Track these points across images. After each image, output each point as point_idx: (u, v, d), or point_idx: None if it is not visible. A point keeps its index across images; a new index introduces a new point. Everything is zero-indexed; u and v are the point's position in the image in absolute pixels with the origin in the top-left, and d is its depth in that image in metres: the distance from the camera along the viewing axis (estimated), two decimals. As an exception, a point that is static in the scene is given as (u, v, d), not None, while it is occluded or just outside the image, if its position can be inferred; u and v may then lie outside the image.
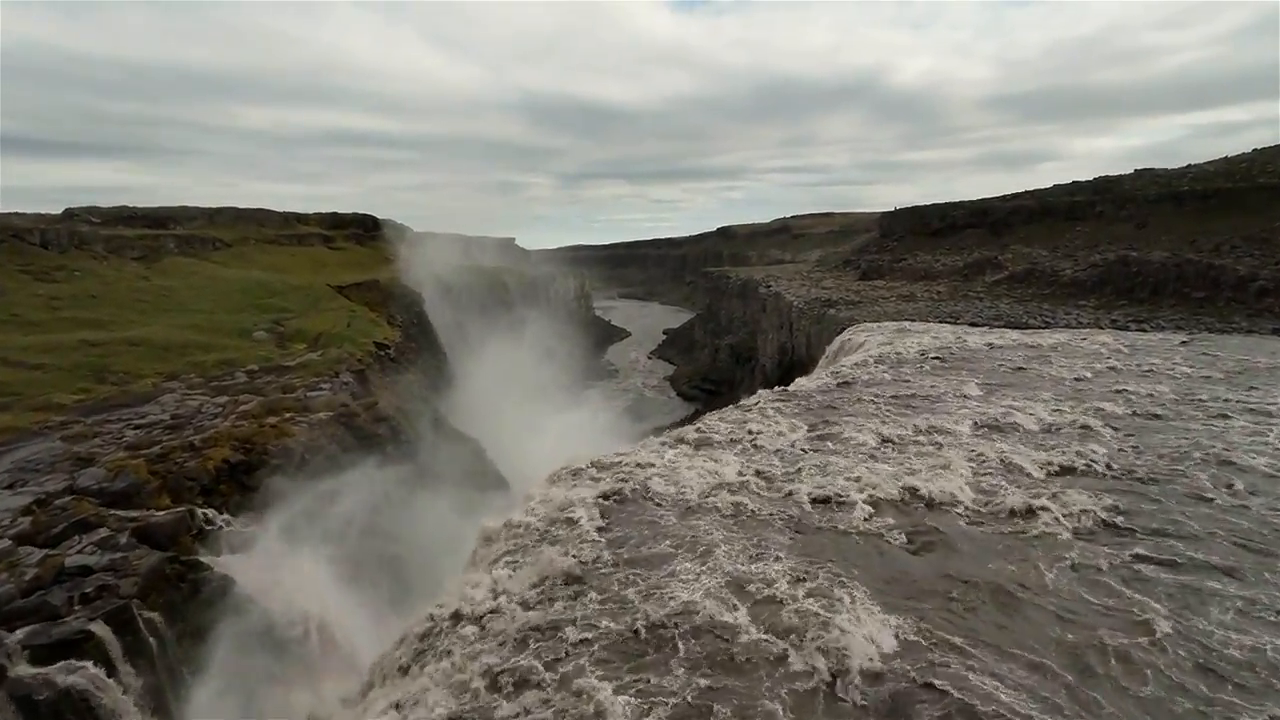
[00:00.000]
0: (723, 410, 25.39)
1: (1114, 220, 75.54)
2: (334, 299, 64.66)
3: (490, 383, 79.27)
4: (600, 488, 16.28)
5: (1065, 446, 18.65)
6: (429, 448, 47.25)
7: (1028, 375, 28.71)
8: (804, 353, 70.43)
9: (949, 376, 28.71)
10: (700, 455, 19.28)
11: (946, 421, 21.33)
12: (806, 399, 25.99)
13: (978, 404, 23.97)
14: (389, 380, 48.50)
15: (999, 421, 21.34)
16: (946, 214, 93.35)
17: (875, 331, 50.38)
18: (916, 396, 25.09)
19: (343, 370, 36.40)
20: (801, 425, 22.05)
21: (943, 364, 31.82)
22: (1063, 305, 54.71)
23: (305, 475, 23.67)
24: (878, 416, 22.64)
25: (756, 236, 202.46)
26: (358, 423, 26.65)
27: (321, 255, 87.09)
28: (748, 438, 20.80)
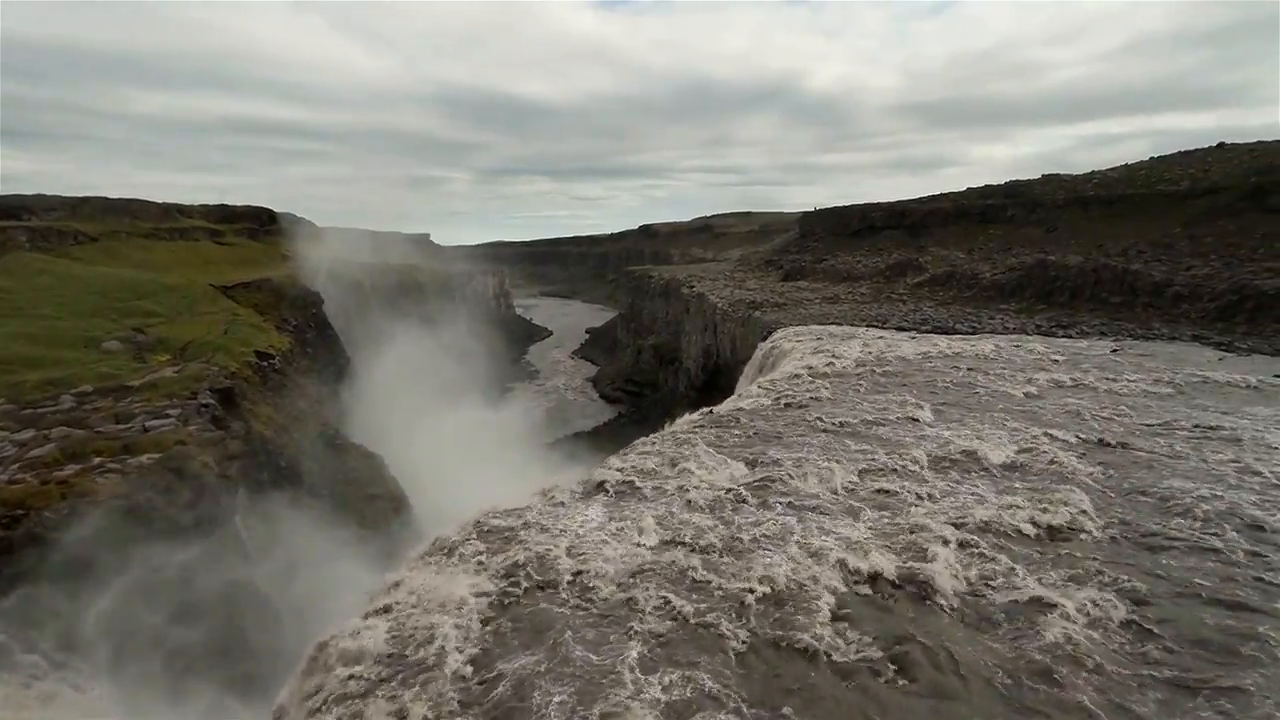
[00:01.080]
0: (646, 440, 21.55)
1: (1025, 224, 76.26)
2: (215, 301, 57.54)
3: (399, 389, 73.34)
4: (485, 576, 12.14)
5: (1042, 494, 15.71)
6: (316, 472, 41.70)
7: (975, 392, 26.17)
8: (729, 355, 67.75)
9: (894, 394, 25.83)
10: (619, 510, 15.42)
11: (904, 459, 18.16)
12: (742, 425, 22.49)
13: (932, 430, 21.02)
14: (270, 396, 42.55)
15: (961, 456, 18.34)
16: (866, 215, 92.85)
17: (803, 336, 47.87)
18: (864, 422, 21.95)
19: (202, 390, 30.64)
20: (739, 464, 18.49)
21: (884, 379, 29.03)
22: (985, 309, 53.72)
23: (107, 548, 18.16)
24: (824, 450, 19.29)
25: (678, 235, 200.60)
26: (196, 466, 21.34)
27: (207, 251, 78.57)
28: (675, 484, 17.05)
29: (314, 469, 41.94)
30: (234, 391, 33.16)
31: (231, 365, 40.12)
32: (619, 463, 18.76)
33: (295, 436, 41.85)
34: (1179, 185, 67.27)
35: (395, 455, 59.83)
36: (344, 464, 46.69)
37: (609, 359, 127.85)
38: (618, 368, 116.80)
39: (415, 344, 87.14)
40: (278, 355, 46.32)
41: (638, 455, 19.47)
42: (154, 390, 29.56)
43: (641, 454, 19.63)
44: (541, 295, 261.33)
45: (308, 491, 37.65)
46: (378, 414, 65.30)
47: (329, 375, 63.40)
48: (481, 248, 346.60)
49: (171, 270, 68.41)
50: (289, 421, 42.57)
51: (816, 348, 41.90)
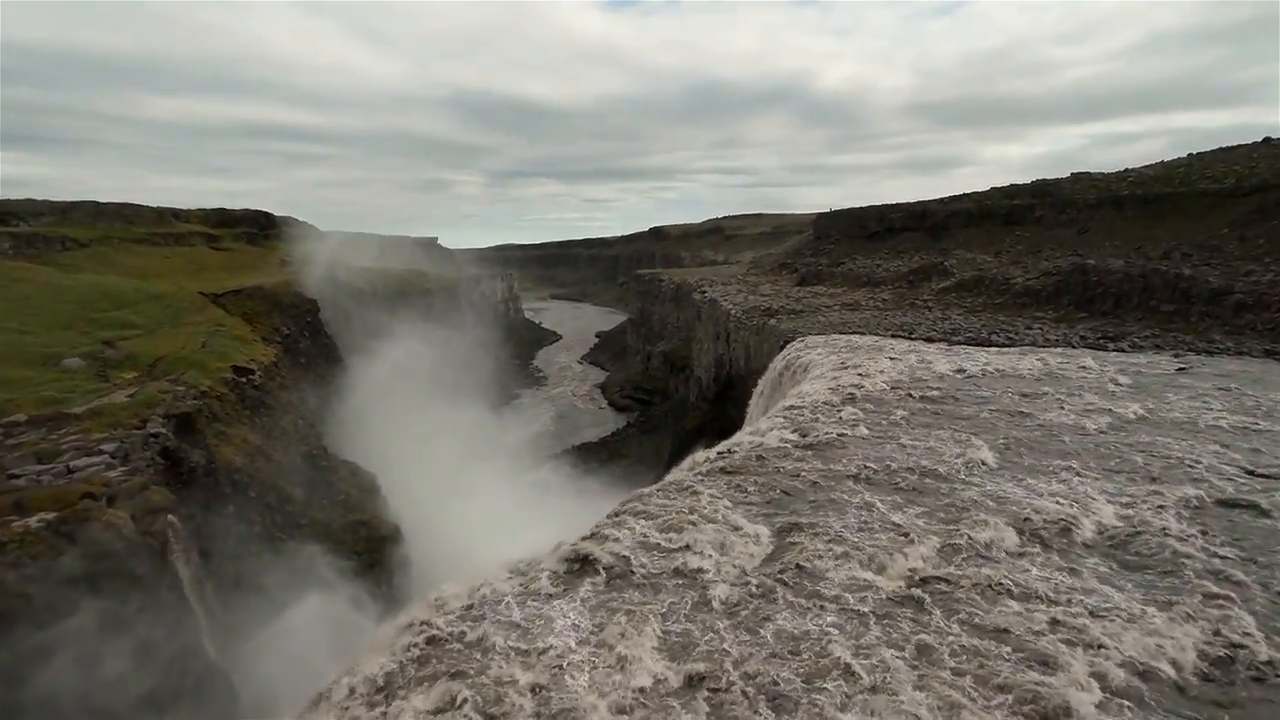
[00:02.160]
0: (650, 492, 17.59)
1: (1054, 225, 71.63)
2: (203, 310, 54.16)
3: (399, 400, 69.74)
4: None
5: (1182, 591, 11.65)
6: (298, 498, 38.07)
7: (1038, 426, 22.01)
8: (743, 366, 63.69)
9: (942, 429, 21.74)
10: (610, 611, 11.54)
11: (979, 531, 14.09)
12: (765, 472, 18.49)
13: (1002, 482, 16.93)
14: (248, 416, 38.95)
15: (1051, 527, 14.26)
16: (884, 216, 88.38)
17: (824, 348, 43.78)
18: (915, 471, 17.89)
19: (154, 417, 26.97)
20: (763, 530, 14.54)
21: (926, 405, 24.92)
22: (1019, 317, 49.38)
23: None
24: (872, 516, 15.28)
25: (689, 237, 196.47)
26: (96, 530, 17.41)
27: (203, 257, 75.40)
28: (683, 562, 13.11)
29: (296, 495, 38.33)
30: (193, 417, 29.46)
31: (203, 383, 36.54)
32: (614, 530, 14.81)
33: (275, 459, 38.24)
34: (1223, 183, 62.46)
35: (391, 472, 56.15)
36: (331, 487, 43.07)
37: (618, 365, 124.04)
38: (627, 374, 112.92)
39: (418, 351, 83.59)
40: (259, 370, 42.72)
41: (637, 516, 15.50)
42: (96, 419, 25.94)
43: (643, 513, 15.68)
44: (552, 298, 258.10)
45: (284, 523, 33.99)
46: (375, 427, 61.77)
47: (323, 387, 59.94)
48: (492, 250, 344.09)
49: (163, 277, 65.24)
50: (268, 442, 38.97)
51: (841, 362, 37.83)
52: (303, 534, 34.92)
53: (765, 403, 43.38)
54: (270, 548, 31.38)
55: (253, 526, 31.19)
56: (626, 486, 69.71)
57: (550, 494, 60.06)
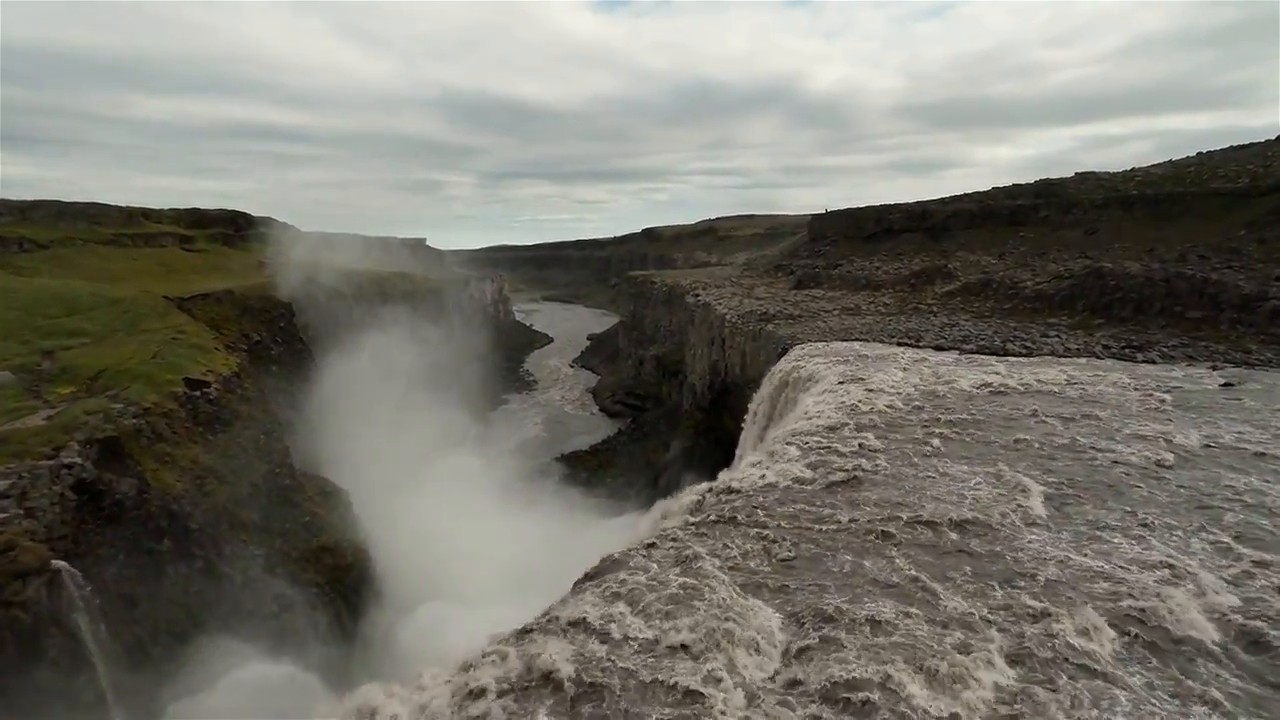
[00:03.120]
0: (629, 557, 14.14)
1: (1060, 226, 68.66)
2: (165, 316, 50.42)
3: (378, 408, 66.08)
4: None
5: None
6: (255, 523, 34.47)
7: (1088, 459, 18.71)
8: (739, 373, 60.39)
9: (977, 461, 18.45)
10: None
11: (1055, 619, 10.76)
12: (774, 523, 15.13)
13: (1064, 546, 13.58)
14: (201, 434, 35.34)
15: (1147, 615, 10.94)
16: (882, 217, 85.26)
17: (826, 356, 40.54)
18: (957, 525, 14.55)
19: (70, 445, 23.39)
20: (773, 616, 11.19)
21: (952, 431, 21.60)
22: (1031, 323, 46.27)
23: None
24: (911, 594, 11.92)
25: (682, 238, 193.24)
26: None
27: (174, 259, 71.55)
28: (670, 677, 9.73)
29: (252, 520, 34.72)
30: (120, 442, 25.87)
31: (148, 399, 32.93)
32: (588, 612, 11.38)
33: (230, 481, 34.63)
34: (1237, 183, 59.59)
35: (366, 487, 52.57)
36: (295, 508, 39.46)
37: (610, 368, 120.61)
38: (619, 379, 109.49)
39: (400, 356, 79.95)
40: (216, 382, 39.09)
41: (615, 599, 12.07)
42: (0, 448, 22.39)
43: (617, 593, 12.24)
44: (544, 300, 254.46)
45: (233, 556, 30.40)
46: (351, 439, 58.12)
47: (296, 397, 56.30)
48: (484, 252, 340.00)
49: (127, 281, 61.44)
50: (223, 462, 35.35)
51: (847, 374, 34.57)
52: (255, 567, 31.36)
53: (764, 418, 40.08)
54: (213, 587, 27.82)
55: (193, 563, 27.62)
56: (616, 503, 66.31)
57: (537, 510, 56.56)
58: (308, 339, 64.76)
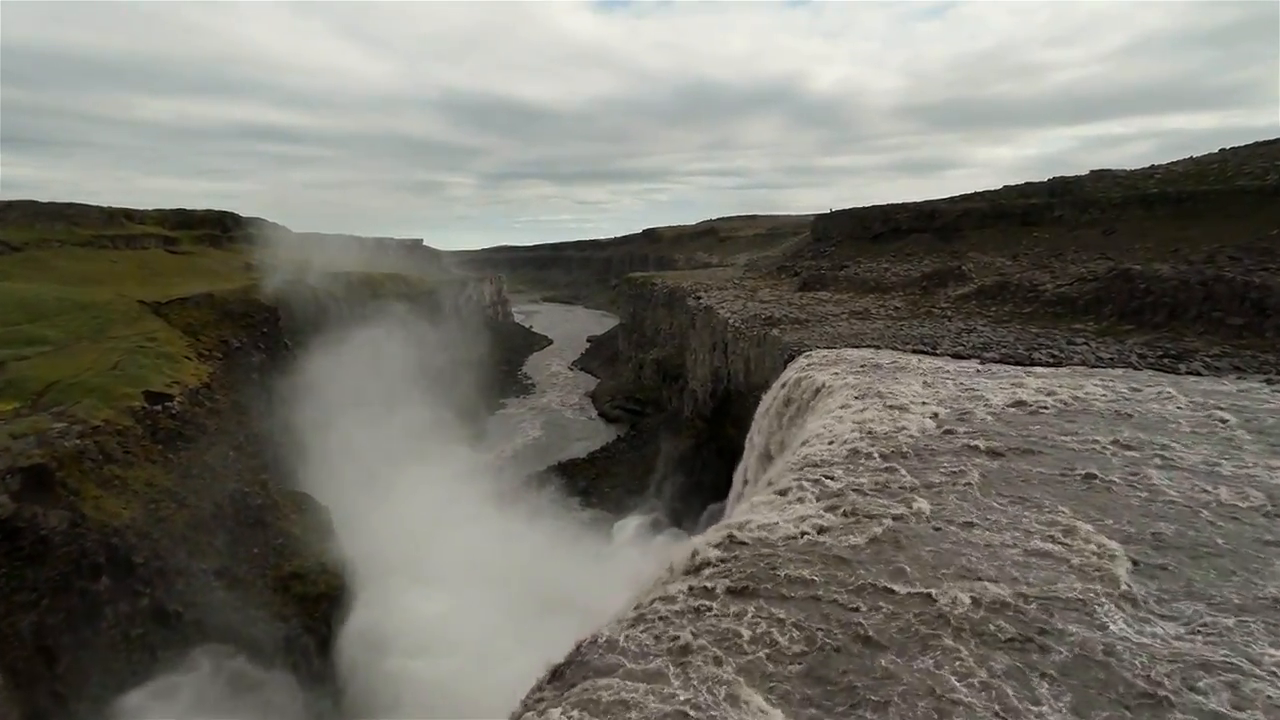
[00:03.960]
0: (613, 648, 11.09)
1: (1076, 225, 65.55)
2: (136, 321, 47.54)
3: (369, 416, 63.07)
4: None
5: None
6: (218, 548, 31.49)
7: (1162, 501, 15.65)
8: (742, 380, 57.39)
9: (1032, 506, 15.38)
10: None
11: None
12: (789, 593, 12.09)
13: (1179, 639, 10.52)
14: (160, 452, 32.37)
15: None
16: (889, 216, 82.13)
17: (837, 365, 37.52)
18: (1025, 603, 11.47)
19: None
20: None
21: (995, 463, 18.52)
22: (1054, 328, 43.21)
23: None
24: (979, 710, 8.89)
25: (683, 239, 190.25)
26: None
27: (157, 261, 68.66)
28: None
29: (214, 546, 31.74)
30: (48, 470, 22.89)
31: (99, 415, 29.97)
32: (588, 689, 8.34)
33: (190, 504, 31.67)
34: (1265, 180, 56.57)
35: (350, 502, 49.53)
36: (267, 529, 36.45)
37: (609, 371, 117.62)
38: (618, 383, 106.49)
39: (393, 361, 77.01)
40: (181, 395, 36.12)
41: (611, 669, 9.05)
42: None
43: (614, 703, 9.22)
44: (544, 301, 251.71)
45: (186, 591, 27.40)
46: (337, 448, 55.15)
47: (279, 406, 53.32)
48: (484, 252, 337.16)
49: (104, 284, 58.53)
50: (184, 483, 32.39)
51: (862, 386, 31.54)
52: (213, 601, 28.36)
53: (770, 436, 37.05)
54: (159, 630, 24.83)
55: (137, 603, 24.64)
56: (615, 515, 63.26)
57: (534, 528, 53.44)
58: (294, 344, 61.84)
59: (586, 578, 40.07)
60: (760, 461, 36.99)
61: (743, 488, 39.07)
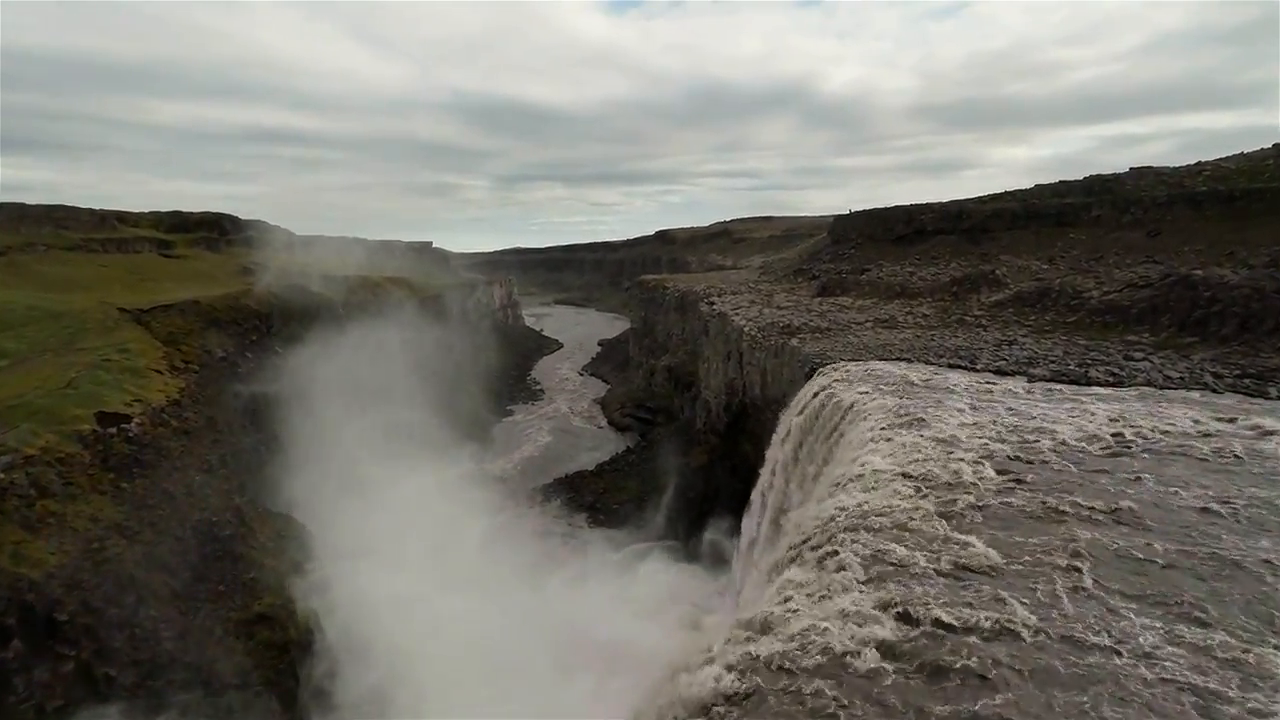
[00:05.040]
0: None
1: (1115, 226, 60.89)
2: (113, 331, 44.20)
3: (365, 432, 59.51)
4: None
5: None
6: (173, 588, 27.91)
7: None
8: (758, 393, 53.26)
9: (1184, 619, 11.25)
10: None
11: None
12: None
13: None
14: (111, 482, 28.82)
15: None
16: (913, 217, 77.60)
17: (866, 382, 33.37)
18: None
19: None
20: None
21: (1089, 530, 14.40)
22: (1105, 340, 38.79)
23: None
24: None
25: (696, 241, 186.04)
26: None
27: (148, 266, 65.62)
28: None
29: (170, 588, 28.15)
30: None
31: (36, 443, 26.45)
32: None
33: (143, 540, 28.08)
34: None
35: (339, 525, 45.99)
36: (237, 563, 32.81)
37: (620, 378, 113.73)
38: (628, 389, 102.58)
39: (394, 369, 73.60)
40: (142, 416, 32.59)
41: None
42: None
43: None
44: (556, 303, 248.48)
45: (121, 647, 23.74)
46: (329, 465, 51.60)
47: (265, 419, 49.89)
48: (497, 254, 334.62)
49: (90, 290, 55.39)
50: (138, 515, 28.82)
51: (898, 410, 27.42)
52: (160, 655, 24.71)
53: (786, 464, 33.02)
54: (86, 697, 21.16)
55: (61, 667, 21.00)
56: (623, 534, 59.29)
57: (532, 555, 49.59)
58: (286, 351, 58.42)
59: (603, 624, 36.80)
60: (776, 509, 32.98)
61: (758, 527, 34.95)
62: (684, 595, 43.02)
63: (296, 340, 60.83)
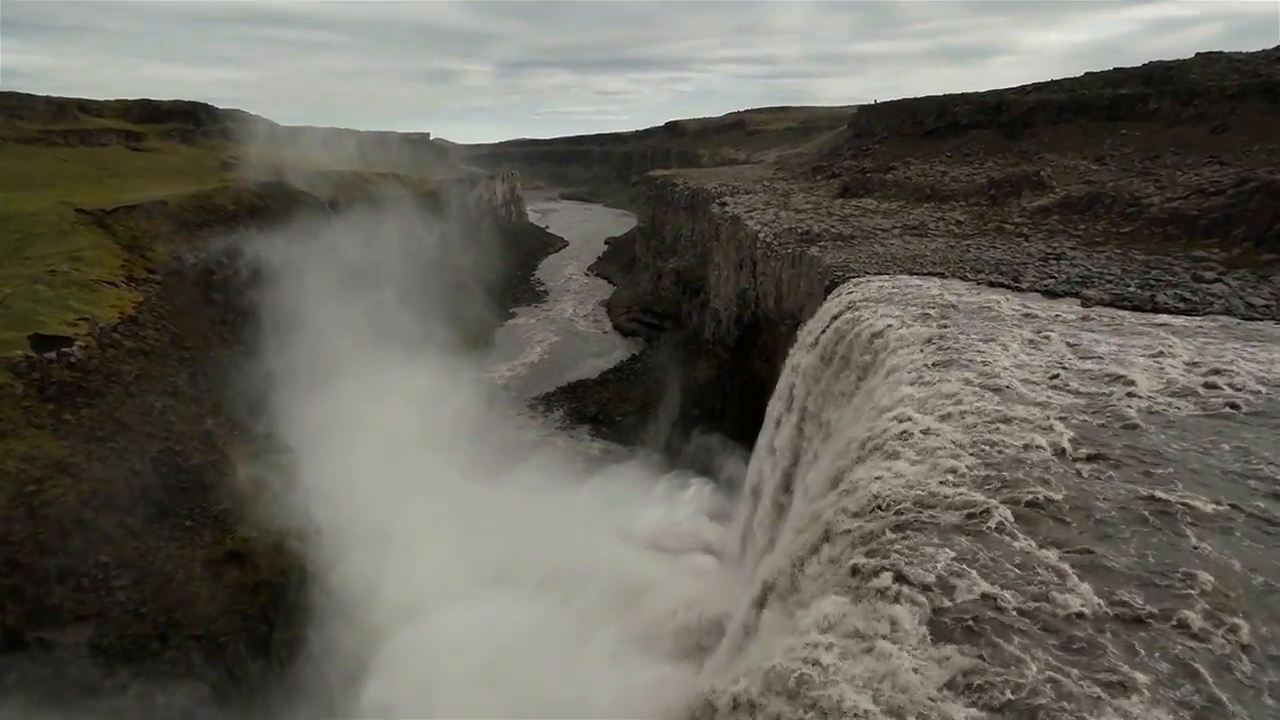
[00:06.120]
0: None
1: (1175, 121, 54.28)
2: (67, 236, 40.12)
3: (353, 338, 56.06)
4: None
5: None
6: (119, 538, 25.32)
7: None
8: (773, 306, 49.14)
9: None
10: None
11: None
12: None
13: None
14: (50, 415, 25.69)
15: None
16: (945, 109, 70.21)
17: (895, 303, 29.26)
18: None
19: None
20: None
21: (1215, 541, 10.88)
22: (1167, 255, 34.04)
23: None
24: None
25: (708, 133, 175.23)
26: None
27: (116, 160, 60.24)
28: None
29: (127, 525, 25.57)
30: None
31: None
32: None
33: (89, 476, 25.22)
34: None
35: (325, 440, 43.50)
36: (206, 493, 30.18)
37: (627, 279, 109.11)
38: (635, 292, 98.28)
39: (387, 270, 69.40)
40: (87, 337, 29.07)
41: None
42: None
43: None
44: (562, 198, 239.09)
45: (56, 607, 21.26)
46: (315, 376, 48.50)
47: (243, 329, 46.46)
48: (501, 146, 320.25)
49: (48, 188, 50.56)
50: (87, 449, 25.89)
51: (936, 341, 23.45)
52: (108, 612, 22.33)
53: (801, 415, 29.41)
54: (9, 662, 18.78)
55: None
56: (626, 450, 56.99)
57: (532, 473, 47.35)
58: (268, 256, 54.03)
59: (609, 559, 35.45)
60: (783, 465, 29.64)
61: (764, 474, 31.73)
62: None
63: (279, 244, 56.25)
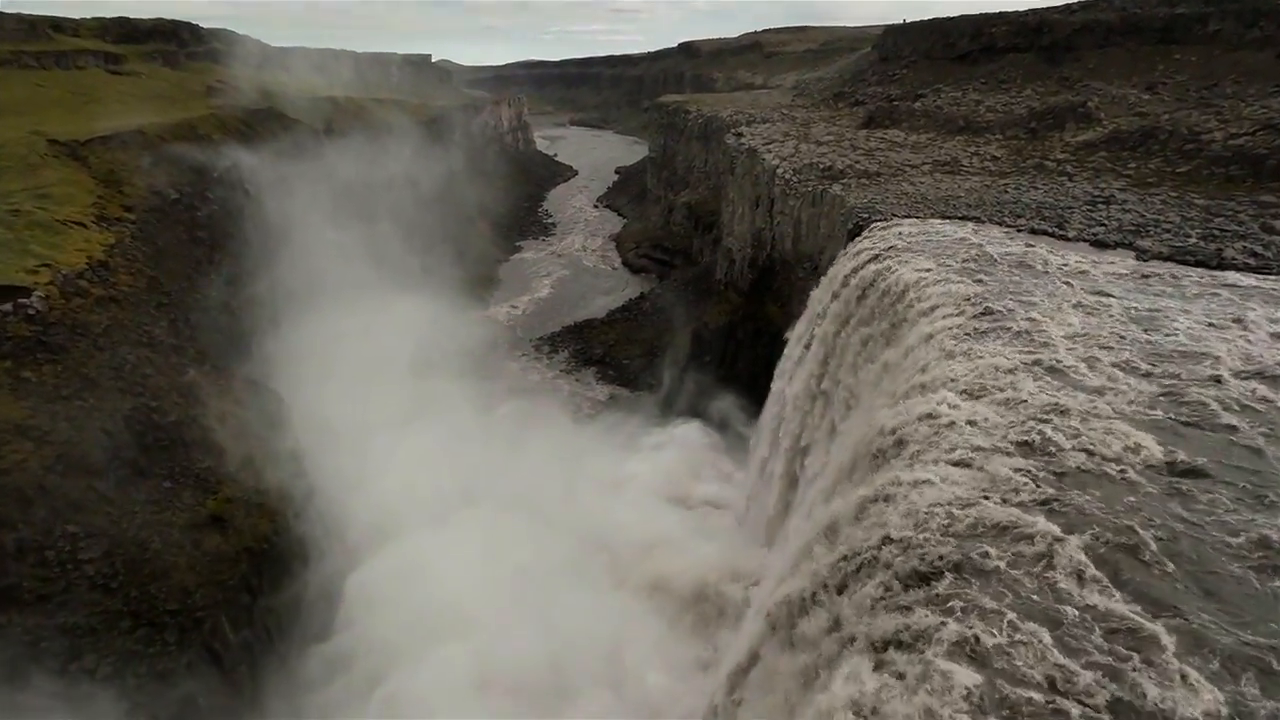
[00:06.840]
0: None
1: (1237, 45, 49.24)
2: (36, 171, 37.43)
3: (347, 277, 53.63)
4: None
5: None
6: (91, 505, 23.73)
7: None
8: (790, 248, 45.98)
9: None
10: None
11: None
12: None
13: None
14: (9, 373, 23.72)
15: None
16: (981, 30, 64.38)
17: (929, 254, 26.40)
18: None
19: None
20: None
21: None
22: (1229, 199, 30.62)
23: None
24: None
25: (723, 54, 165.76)
26: None
27: (93, 85, 56.41)
28: None
29: (97, 489, 23.94)
30: None
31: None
32: None
33: (53, 439, 23.44)
34: None
35: (319, 389, 41.67)
36: (184, 450, 28.48)
37: (637, 212, 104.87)
38: (645, 226, 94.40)
39: (385, 203, 66.22)
40: (50, 285, 26.81)
41: None
42: None
43: None
44: (572, 124, 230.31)
45: (14, 584, 19.78)
46: (306, 318, 46.37)
47: (229, 269, 43.99)
48: (509, 68, 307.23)
49: (21, 115, 47.37)
50: (47, 409, 24.02)
51: (976, 301, 20.76)
52: (75, 590, 20.87)
53: (818, 379, 26.88)
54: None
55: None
56: (632, 395, 55.05)
57: (534, 412, 45.63)
58: (257, 190, 50.97)
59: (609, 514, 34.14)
60: (793, 450, 27.29)
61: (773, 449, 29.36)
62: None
63: (269, 176, 53.03)
